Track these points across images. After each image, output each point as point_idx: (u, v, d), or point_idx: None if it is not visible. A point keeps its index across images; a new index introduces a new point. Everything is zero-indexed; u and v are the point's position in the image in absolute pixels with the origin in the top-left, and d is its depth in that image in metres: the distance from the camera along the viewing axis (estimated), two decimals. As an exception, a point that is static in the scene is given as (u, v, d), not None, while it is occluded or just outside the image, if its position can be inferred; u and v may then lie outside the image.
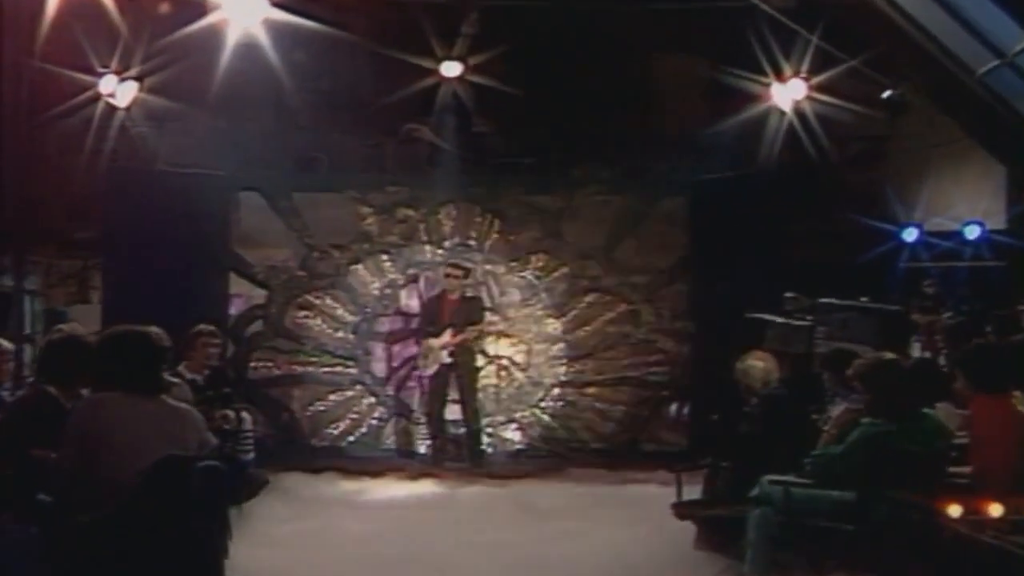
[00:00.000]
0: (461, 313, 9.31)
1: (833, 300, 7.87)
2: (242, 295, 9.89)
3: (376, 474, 8.72)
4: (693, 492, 6.97)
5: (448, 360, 9.24)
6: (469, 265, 9.56)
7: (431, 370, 9.34)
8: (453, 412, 9.49)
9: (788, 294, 7.81)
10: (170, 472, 4.02)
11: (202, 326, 7.04)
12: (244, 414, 6.92)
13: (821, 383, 6.44)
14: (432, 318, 9.42)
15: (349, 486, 8.30)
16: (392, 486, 8.43)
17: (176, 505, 4.06)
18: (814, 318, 7.78)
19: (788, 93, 9.36)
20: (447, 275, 9.35)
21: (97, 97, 9.11)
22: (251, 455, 6.94)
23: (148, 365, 4.36)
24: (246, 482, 6.07)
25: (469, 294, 9.52)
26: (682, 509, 6.29)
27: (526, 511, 7.52)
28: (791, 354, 7.28)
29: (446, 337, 9.23)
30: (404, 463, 9.29)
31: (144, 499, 4.01)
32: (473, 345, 9.39)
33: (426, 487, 8.43)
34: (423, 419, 9.59)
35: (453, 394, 9.43)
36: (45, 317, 9.78)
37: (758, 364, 6.48)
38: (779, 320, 7.75)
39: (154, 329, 4.66)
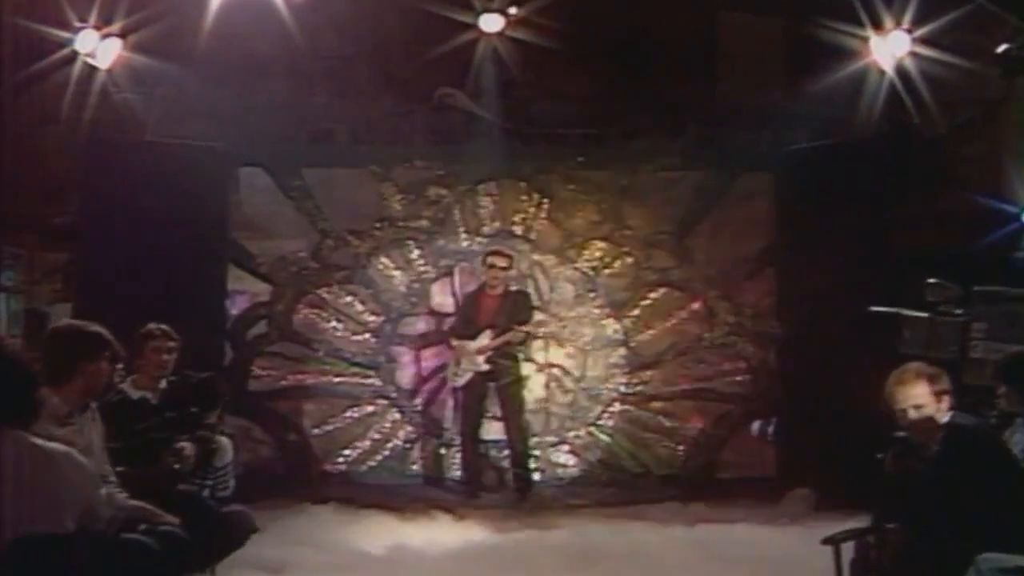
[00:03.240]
0: (504, 311, 8.59)
1: (996, 288, 6.73)
2: (246, 292, 9.42)
3: (399, 509, 7.92)
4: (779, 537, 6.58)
5: (485, 368, 8.51)
6: (513, 252, 8.96)
7: (463, 380, 8.63)
8: (492, 431, 8.85)
9: (931, 280, 6.67)
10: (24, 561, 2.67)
11: (152, 326, 5.93)
12: (222, 439, 5.74)
13: (986, 400, 5.35)
14: (468, 318, 8.74)
15: (365, 528, 7.36)
16: (418, 527, 7.47)
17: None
18: (968, 312, 6.60)
19: (888, 48, 8.61)
20: (489, 265, 8.66)
21: (73, 57, 8.53)
22: (228, 491, 5.77)
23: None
24: (222, 533, 4.83)
25: (514, 288, 8.88)
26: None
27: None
28: (936, 361, 6.01)
29: (483, 340, 8.52)
30: (434, 495, 8.62)
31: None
32: (517, 350, 8.68)
33: (459, 530, 7.42)
34: (457, 440, 8.97)
35: (492, 410, 8.79)
36: (25, 318, 9.25)
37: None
38: (919, 315, 6.55)
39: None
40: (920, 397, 4.65)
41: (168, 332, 5.82)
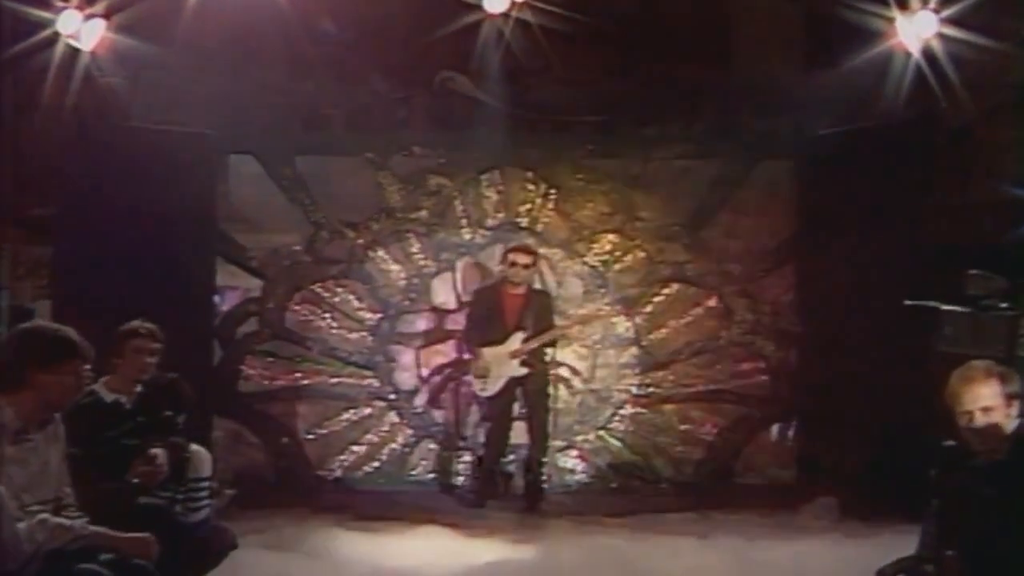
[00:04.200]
0: (531, 312, 8.39)
1: None
2: (238, 288, 9.32)
3: (399, 518, 7.69)
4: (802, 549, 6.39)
5: (521, 372, 8.26)
6: (537, 248, 8.80)
7: (496, 388, 8.33)
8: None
9: (973, 272, 6.42)
10: None
11: (135, 323, 5.57)
12: (199, 449, 5.37)
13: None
14: (490, 320, 8.43)
15: (359, 540, 7.06)
16: (417, 540, 7.19)
17: None
18: (1014, 306, 6.29)
19: (915, 29, 8.37)
20: (512, 263, 8.38)
21: (55, 39, 8.28)
22: (204, 511, 5.38)
23: None
24: (193, 553, 4.49)
25: (537, 287, 8.73)
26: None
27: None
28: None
29: (515, 343, 8.26)
30: (434, 503, 8.44)
31: None
32: (544, 353, 8.48)
33: (460, 544, 7.11)
34: (461, 443, 8.89)
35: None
36: (11, 314, 9.01)
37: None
38: (962, 310, 6.26)
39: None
40: (990, 398, 4.22)
41: (154, 331, 5.46)
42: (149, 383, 5.31)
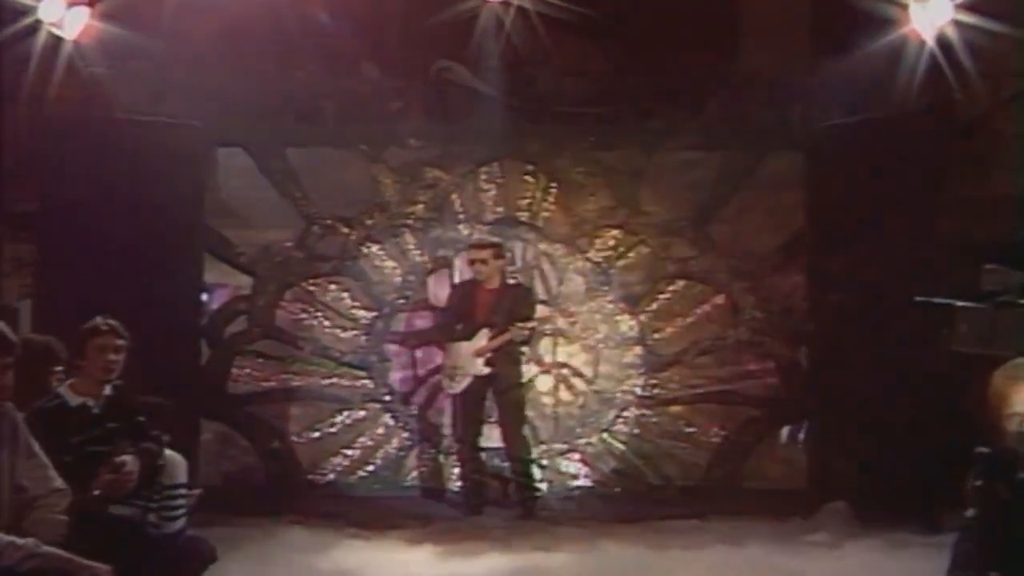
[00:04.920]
0: (502, 307, 8.24)
1: None
2: (227, 285, 9.31)
3: (393, 526, 7.61)
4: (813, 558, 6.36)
5: (484, 371, 8.17)
6: (498, 240, 8.67)
7: (460, 386, 8.27)
8: (494, 438, 8.51)
9: (988, 266, 6.21)
10: None
11: (98, 320, 5.31)
12: (173, 455, 5.10)
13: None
14: (461, 315, 8.39)
15: (351, 549, 6.98)
16: (412, 548, 7.09)
17: None
18: None
19: (929, 16, 8.28)
20: (471, 261, 8.42)
21: (37, 27, 8.20)
22: (180, 521, 5.14)
23: None
24: (167, 569, 4.32)
25: (512, 281, 8.60)
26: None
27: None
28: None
29: (481, 340, 8.18)
30: (431, 510, 8.37)
31: None
32: (519, 351, 8.39)
33: (455, 554, 6.95)
34: (455, 448, 8.69)
35: (492, 415, 8.50)
36: None
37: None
38: (977, 306, 6.04)
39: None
40: None
41: (116, 328, 5.19)
42: (124, 385, 5.09)
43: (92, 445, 4.56)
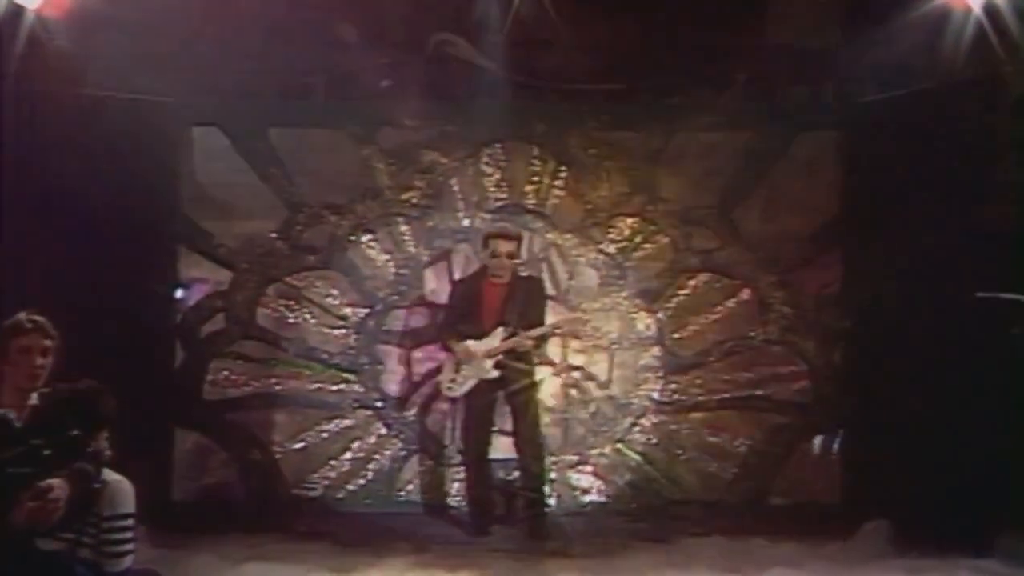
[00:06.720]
0: (515, 304, 7.99)
1: None
2: (205, 280, 9.04)
3: (385, 551, 7.32)
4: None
5: (494, 374, 7.90)
6: (522, 232, 8.44)
7: (463, 390, 8.01)
8: (500, 448, 8.27)
9: None
10: None
11: (21, 316, 4.85)
12: (114, 478, 4.54)
13: None
14: (468, 312, 8.09)
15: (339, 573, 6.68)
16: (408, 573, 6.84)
17: None
18: None
19: None
20: (492, 253, 8.09)
21: None
22: (125, 558, 4.61)
23: None
24: None
25: (523, 273, 8.32)
26: None
27: None
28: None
29: (494, 340, 7.89)
30: (429, 530, 8.08)
31: None
32: (533, 351, 8.13)
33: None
34: (456, 459, 8.48)
35: (499, 423, 8.22)
36: None
37: None
38: None
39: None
40: None
41: (43, 326, 4.68)
42: (50, 394, 4.52)
43: (12, 466, 4.06)
